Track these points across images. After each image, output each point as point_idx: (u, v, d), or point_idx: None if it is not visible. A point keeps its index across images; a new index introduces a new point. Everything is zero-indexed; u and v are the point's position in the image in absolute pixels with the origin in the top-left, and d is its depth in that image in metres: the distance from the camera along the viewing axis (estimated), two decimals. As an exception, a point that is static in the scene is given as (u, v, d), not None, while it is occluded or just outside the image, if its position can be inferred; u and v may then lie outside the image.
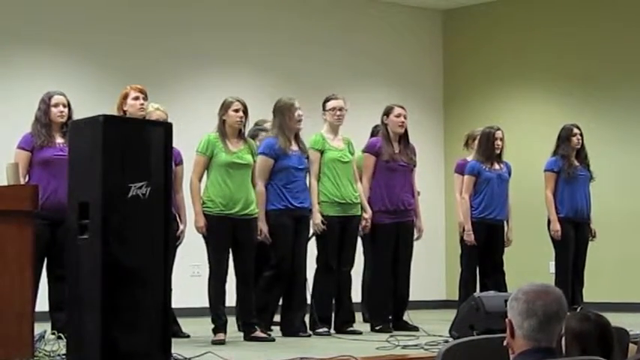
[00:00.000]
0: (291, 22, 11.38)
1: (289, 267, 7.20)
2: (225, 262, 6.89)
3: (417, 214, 8.05)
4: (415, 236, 8.04)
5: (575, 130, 8.89)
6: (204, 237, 6.93)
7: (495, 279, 8.57)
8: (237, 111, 6.92)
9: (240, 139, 6.99)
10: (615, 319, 3.75)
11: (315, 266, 7.52)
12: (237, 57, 10.94)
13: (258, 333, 6.87)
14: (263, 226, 7.09)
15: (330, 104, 7.61)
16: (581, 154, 8.92)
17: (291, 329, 7.22)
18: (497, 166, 8.67)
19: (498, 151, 8.66)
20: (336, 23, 11.71)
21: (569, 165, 8.81)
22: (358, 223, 7.63)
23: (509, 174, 8.77)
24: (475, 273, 8.67)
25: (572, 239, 8.84)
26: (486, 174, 8.59)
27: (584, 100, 11.52)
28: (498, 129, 8.71)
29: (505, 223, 8.73)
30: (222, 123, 6.96)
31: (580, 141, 8.89)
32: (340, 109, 7.59)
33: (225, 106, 6.97)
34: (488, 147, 8.64)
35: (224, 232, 6.84)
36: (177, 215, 7.03)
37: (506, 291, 7.92)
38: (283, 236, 7.16)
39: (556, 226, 8.76)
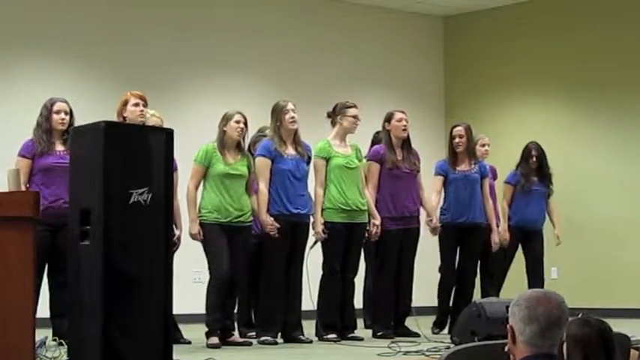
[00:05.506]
0: (292, 29, 11.38)
1: (283, 272, 7.19)
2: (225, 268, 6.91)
3: (429, 212, 8.07)
4: (431, 227, 8.08)
5: (533, 152, 9.07)
6: (203, 244, 7.00)
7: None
8: (238, 122, 7.05)
9: (239, 151, 7.10)
10: (616, 325, 3.74)
11: (320, 273, 7.50)
12: (238, 63, 10.95)
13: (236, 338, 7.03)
14: (267, 222, 7.09)
15: (352, 111, 7.61)
16: (541, 172, 9.11)
17: (289, 334, 7.22)
18: (464, 167, 8.45)
19: (459, 149, 8.40)
20: (338, 30, 11.72)
21: (526, 181, 9.05)
22: (364, 230, 7.61)
23: (484, 175, 8.48)
24: (446, 275, 8.58)
25: (514, 248, 9.04)
26: (451, 175, 8.43)
27: (585, 106, 11.52)
28: (457, 125, 8.50)
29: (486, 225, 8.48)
30: (223, 134, 7.05)
31: (537, 160, 9.06)
32: (359, 118, 7.63)
33: (226, 118, 7.09)
34: (449, 146, 8.52)
35: (221, 239, 6.89)
36: (173, 221, 7.07)
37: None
38: (277, 241, 7.14)
39: (505, 235, 8.85)
